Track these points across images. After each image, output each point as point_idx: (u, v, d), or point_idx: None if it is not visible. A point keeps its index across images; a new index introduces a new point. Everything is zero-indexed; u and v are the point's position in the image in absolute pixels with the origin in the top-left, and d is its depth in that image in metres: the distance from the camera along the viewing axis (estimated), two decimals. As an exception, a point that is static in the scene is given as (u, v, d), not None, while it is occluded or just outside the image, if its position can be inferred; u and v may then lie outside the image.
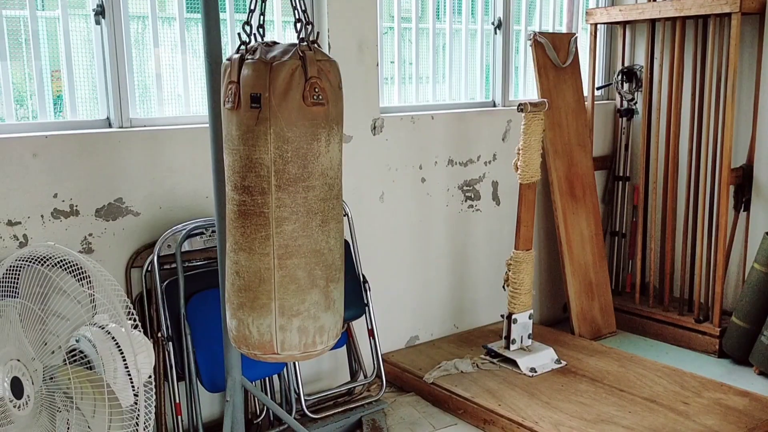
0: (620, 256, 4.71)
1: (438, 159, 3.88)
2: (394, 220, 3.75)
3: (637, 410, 3.11)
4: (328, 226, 2.07)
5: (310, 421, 3.13)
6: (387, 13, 3.77)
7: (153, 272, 2.84)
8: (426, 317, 3.98)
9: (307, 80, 1.95)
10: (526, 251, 3.60)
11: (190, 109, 3.18)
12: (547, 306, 4.55)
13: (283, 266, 2.01)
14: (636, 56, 4.58)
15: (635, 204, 4.59)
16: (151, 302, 2.90)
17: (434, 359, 3.67)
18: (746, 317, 3.80)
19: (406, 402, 3.46)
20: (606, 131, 4.68)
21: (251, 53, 1.98)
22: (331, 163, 2.05)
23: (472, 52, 4.15)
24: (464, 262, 4.11)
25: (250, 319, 2.04)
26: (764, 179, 3.98)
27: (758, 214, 4.03)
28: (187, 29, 3.16)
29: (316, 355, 2.13)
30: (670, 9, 4.03)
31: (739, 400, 3.19)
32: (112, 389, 1.77)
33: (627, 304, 4.46)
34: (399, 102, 3.87)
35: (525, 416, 3.06)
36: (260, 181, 1.97)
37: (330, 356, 3.55)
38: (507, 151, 4.11)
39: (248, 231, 2.00)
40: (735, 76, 3.82)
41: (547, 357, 3.61)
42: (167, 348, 2.81)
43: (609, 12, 4.36)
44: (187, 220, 2.98)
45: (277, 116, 1.93)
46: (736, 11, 3.72)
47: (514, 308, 3.61)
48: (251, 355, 2.09)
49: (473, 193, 4.07)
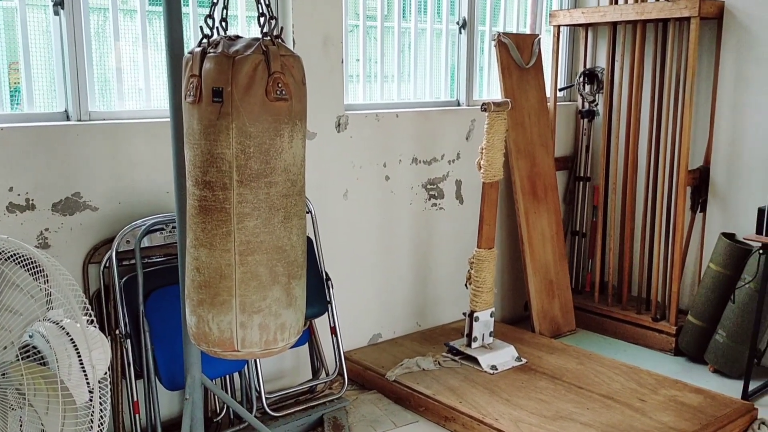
0: (580, 255, 4.78)
1: (402, 157, 3.89)
2: (357, 218, 3.75)
3: (594, 407, 3.15)
4: (291, 222, 2.06)
5: (271, 419, 3.11)
6: (353, 11, 3.76)
7: (111, 268, 2.79)
8: (389, 315, 3.99)
9: (270, 75, 1.93)
10: (488, 250, 3.63)
11: (151, 103, 3.13)
12: (508, 304, 4.59)
13: (245, 262, 1.99)
14: (597, 58, 4.64)
15: (595, 204, 4.66)
16: (109, 299, 2.85)
17: (397, 357, 3.67)
18: (702, 316, 3.89)
19: (368, 400, 3.46)
20: (568, 132, 4.74)
21: (213, 47, 1.96)
22: (294, 159, 2.03)
23: (437, 52, 4.17)
24: (427, 260, 4.12)
25: (210, 315, 2.02)
26: (720, 181, 4.07)
27: (714, 215, 4.13)
28: (149, 22, 3.11)
29: (277, 353, 2.11)
30: (631, 12, 4.09)
31: (694, 397, 3.26)
32: (66, 386, 1.74)
33: (586, 302, 4.53)
34: (364, 100, 3.87)
35: (485, 413, 3.08)
36: (222, 176, 1.95)
37: (292, 354, 3.53)
38: (471, 150, 4.14)
39: (209, 227, 1.98)
40: (693, 79, 3.90)
41: (508, 355, 3.64)
42: (125, 345, 2.77)
43: (572, 14, 4.42)
44: (147, 215, 2.94)
45: (239, 111, 1.91)
46: (695, 16, 3.80)
47: (476, 306, 3.64)
48: (211, 352, 2.07)
49: (437, 191, 4.09)
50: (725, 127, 4.01)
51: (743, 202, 3.96)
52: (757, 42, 3.82)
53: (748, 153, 3.93)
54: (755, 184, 3.86)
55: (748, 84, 3.89)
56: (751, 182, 3.92)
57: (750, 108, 3.89)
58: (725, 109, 4.00)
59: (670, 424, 2.99)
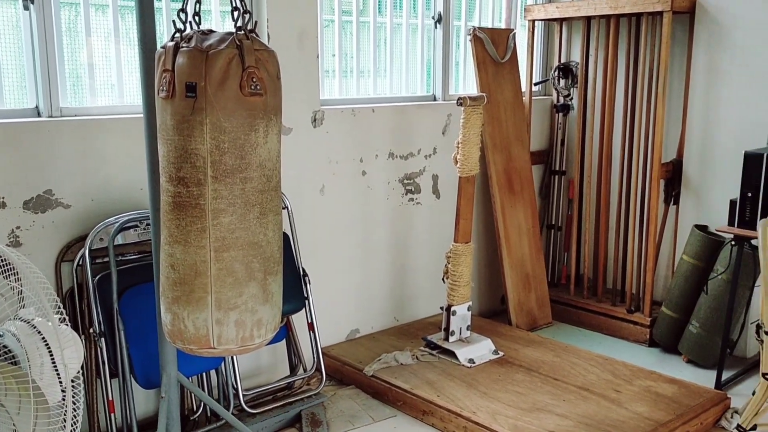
0: (556, 248, 4.82)
1: (379, 152, 3.88)
2: (334, 214, 3.74)
3: (570, 398, 3.18)
4: (267, 218, 2.05)
5: (249, 416, 3.10)
6: (328, 6, 3.75)
7: (84, 266, 2.76)
8: (366, 310, 3.99)
9: (244, 70, 1.92)
10: (465, 244, 3.64)
11: (124, 99, 3.10)
12: (485, 298, 4.61)
13: (220, 259, 1.98)
14: (572, 53, 4.67)
15: (570, 198, 4.70)
16: (83, 297, 2.82)
17: (374, 352, 3.67)
18: (675, 307, 3.94)
19: (346, 395, 3.46)
20: (543, 126, 4.77)
21: (186, 41, 1.94)
22: (269, 154, 2.02)
23: (413, 47, 4.17)
24: (405, 255, 4.13)
25: (185, 313, 2.00)
26: (693, 173, 4.12)
27: (687, 208, 4.18)
28: (122, 17, 3.07)
29: (254, 349, 2.10)
30: (604, 7, 4.12)
31: (668, 388, 3.30)
32: (38, 385, 1.71)
33: (562, 295, 4.56)
34: (340, 95, 3.85)
35: (463, 406, 3.10)
36: (196, 172, 1.93)
37: (269, 350, 3.52)
38: (447, 144, 4.15)
39: (183, 223, 1.96)
40: (666, 73, 3.94)
41: (485, 348, 3.66)
42: (99, 344, 2.74)
43: (546, 9, 4.44)
44: (120, 212, 2.90)
45: (213, 106, 1.89)
46: (668, 10, 3.84)
47: (453, 300, 3.65)
48: (187, 349, 2.06)
49: (414, 186, 4.09)
50: (697, 120, 4.06)
51: (715, 195, 4.01)
52: (728, 35, 3.87)
53: (719, 145, 3.98)
54: (727, 176, 3.92)
55: (719, 77, 3.93)
56: (723, 174, 3.97)
57: (721, 101, 3.94)
58: (697, 103, 4.05)
59: (645, 415, 3.03)
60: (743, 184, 3.44)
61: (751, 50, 3.78)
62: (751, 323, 3.78)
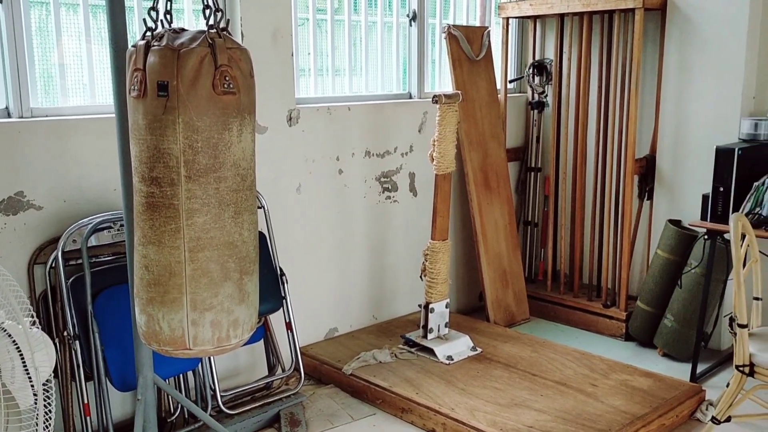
0: (533, 244, 4.85)
1: (355, 150, 3.88)
2: (311, 212, 3.73)
3: (548, 393, 3.20)
4: (242, 217, 2.03)
5: (227, 417, 3.08)
6: (303, 4, 3.73)
7: (57, 268, 2.72)
8: (345, 309, 3.98)
9: (217, 68, 1.90)
10: (442, 241, 3.65)
11: (96, 99, 3.06)
12: (463, 295, 4.63)
13: (195, 259, 1.96)
14: (546, 50, 4.70)
15: (546, 194, 4.73)
16: (57, 300, 2.78)
17: (353, 351, 3.67)
18: (650, 301, 3.98)
19: (325, 394, 3.45)
20: (518, 123, 4.79)
21: (158, 40, 1.92)
22: (243, 153, 2.01)
23: (388, 45, 4.17)
24: (382, 253, 4.13)
25: (160, 314, 1.99)
26: (666, 169, 4.17)
27: (661, 203, 4.22)
28: (94, 16, 3.04)
29: (231, 349, 2.09)
30: (577, 4, 4.15)
31: (643, 381, 3.33)
32: (9, 389, 1.69)
33: (539, 291, 4.59)
34: (315, 93, 3.84)
35: (442, 403, 3.10)
36: (169, 171, 1.91)
37: (247, 351, 3.50)
38: (423, 142, 4.15)
39: (157, 224, 1.94)
40: (639, 69, 3.98)
41: (463, 345, 3.67)
42: (74, 347, 2.70)
43: (520, 6, 4.47)
44: (93, 213, 2.87)
45: (186, 105, 1.88)
46: (639, 7, 3.88)
47: (431, 298, 3.66)
48: (162, 351, 2.04)
49: (391, 184, 4.09)
50: (670, 115, 4.11)
51: (688, 189, 4.06)
52: (699, 31, 3.91)
53: (692, 141, 4.03)
54: (699, 171, 3.97)
55: (691, 72, 3.98)
56: (695, 169, 4.02)
57: (693, 96, 3.99)
58: (670, 98, 4.09)
59: (622, 408, 3.06)
60: (715, 179, 3.49)
61: (721, 46, 3.83)
62: (724, 316, 3.84)
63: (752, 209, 3.40)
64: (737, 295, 2.73)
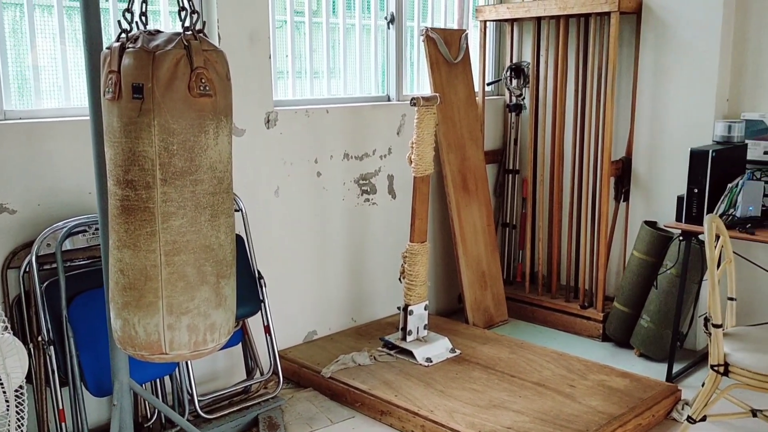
0: (511, 246, 4.87)
1: (334, 153, 3.87)
2: (290, 215, 3.71)
3: (527, 394, 3.22)
4: (218, 220, 2.02)
5: (204, 421, 3.05)
6: (281, 6, 3.72)
7: (31, 273, 2.69)
8: (324, 312, 3.97)
9: (192, 70, 1.89)
10: (421, 244, 3.66)
11: (71, 101, 3.03)
12: (442, 297, 4.64)
13: (171, 263, 1.95)
14: (523, 53, 4.73)
15: (524, 196, 4.76)
16: (31, 305, 2.74)
17: (332, 353, 3.66)
18: (627, 302, 4.02)
19: (304, 397, 3.44)
20: (496, 126, 4.82)
21: (133, 42, 1.90)
22: (220, 156, 2.00)
23: (366, 47, 4.17)
24: (361, 255, 4.12)
25: (136, 318, 1.97)
26: (642, 171, 4.21)
27: (637, 204, 4.26)
28: (69, 17, 3.00)
29: (207, 354, 2.07)
30: (554, 7, 4.18)
31: (620, 381, 3.36)
32: (-20, 396, 1.67)
33: (518, 292, 4.62)
34: (294, 96, 3.83)
35: (421, 405, 3.11)
36: (144, 174, 1.90)
37: (225, 354, 3.48)
38: (402, 144, 4.16)
39: (132, 227, 1.93)
40: (614, 72, 4.02)
41: (442, 347, 3.68)
42: (48, 352, 2.67)
43: (497, 9, 4.49)
44: (68, 217, 2.84)
45: (161, 107, 1.86)
46: (615, 10, 3.92)
47: (410, 300, 3.66)
48: (138, 356, 2.02)
49: (369, 186, 4.09)
50: (645, 118, 4.15)
51: (664, 191, 4.11)
52: (673, 34, 3.96)
53: (667, 143, 4.07)
54: (674, 173, 4.01)
55: (665, 75, 4.03)
56: (670, 171, 4.06)
57: (668, 98, 4.03)
58: (645, 101, 4.14)
59: (599, 408, 3.08)
60: (689, 181, 3.53)
61: (696, 49, 3.88)
62: (699, 316, 3.88)
63: (726, 210, 3.45)
64: (712, 295, 2.76)
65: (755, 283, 3.89)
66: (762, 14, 3.80)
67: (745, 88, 3.90)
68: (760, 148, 3.76)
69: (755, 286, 3.90)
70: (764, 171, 3.71)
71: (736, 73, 3.92)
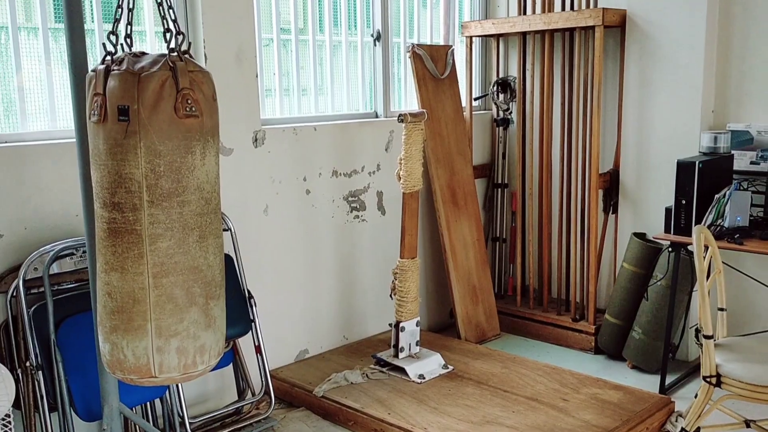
0: (502, 260, 4.87)
1: (322, 170, 3.87)
2: (279, 234, 3.70)
3: (520, 409, 3.21)
4: (207, 241, 2.01)
5: (196, 443, 3.02)
6: (267, 25, 3.73)
7: (19, 297, 2.66)
8: (315, 330, 3.95)
9: (178, 91, 1.88)
10: (411, 259, 3.65)
11: (57, 124, 3.01)
12: (433, 312, 4.63)
13: (159, 285, 1.93)
14: (510, 68, 4.76)
15: (514, 210, 4.76)
16: (18, 330, 2.71)
17: (324, 372, 3.64)
18: (618, 314, 4.02)
19: (297, 417, 3.41)
20: (484, 140, 4.83)
21: (118, 64, 1.90)
22: (207, 176, 1.99)
23: (353, 64, 4.18)
24: (352, 272, 4.11)
25: (124, 342, 1.95)
26: (630, 182, 4.23)
27: (625, 216, 4.28)
28: (55, 40, 3.00)
29: (197, 376, 2.05)
30: (539, 22, 4.22)
31: (614, 394, 3.35)
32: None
33: (509, 306, 4.61)
34: (281, 114, 3.83)
35: (414, 423, 3.09)
36: (131, 197, 1.88)
37: (216, 376, 3.45)
38: (390, 161, 4.16)
39: (119, 250, 1.91)
40: (600, 85, 4.05)
41: (434, 363, 3.66)
42: (37, 377, 2.64)
43: (483, 25, 4.52)
44: (55, 240, 2.81)
45: (147, 129, 1.85)
46: (599, 24, 3.95)
47: (401, 316, 3.65)
48: (127, 380, 1.99)
49: (359, 203, 4.09)
50: (632, 130, 4.17)
51: (652, 203, 4.12)
52: (657, 47, 3.99)
53: (654, 154, 4.09)
54: (662, 184, 4.03)
55: (651, 87, 4.05)
56: (658, 183, 4.08)
57: (654, 110, 4.06)
58: (631, 113, 4.16)
59: (593, 422, 3.07)
60: (677, 192, 3.54)
61: (680, 61, 3.91)
62: (690, 327, 3.88)
63: (714, 221, 3.46)
64: (702, 306, 2.77)
65: (745, 293, 3.90)
66: (745, 25, 3.84)
67: (730, 99, 3.94)
68: (746, 159, 3.78)
69: (745, 296, 3.91)
70: (751, 181, 3.73)
71: (721, 84, 3.96)
